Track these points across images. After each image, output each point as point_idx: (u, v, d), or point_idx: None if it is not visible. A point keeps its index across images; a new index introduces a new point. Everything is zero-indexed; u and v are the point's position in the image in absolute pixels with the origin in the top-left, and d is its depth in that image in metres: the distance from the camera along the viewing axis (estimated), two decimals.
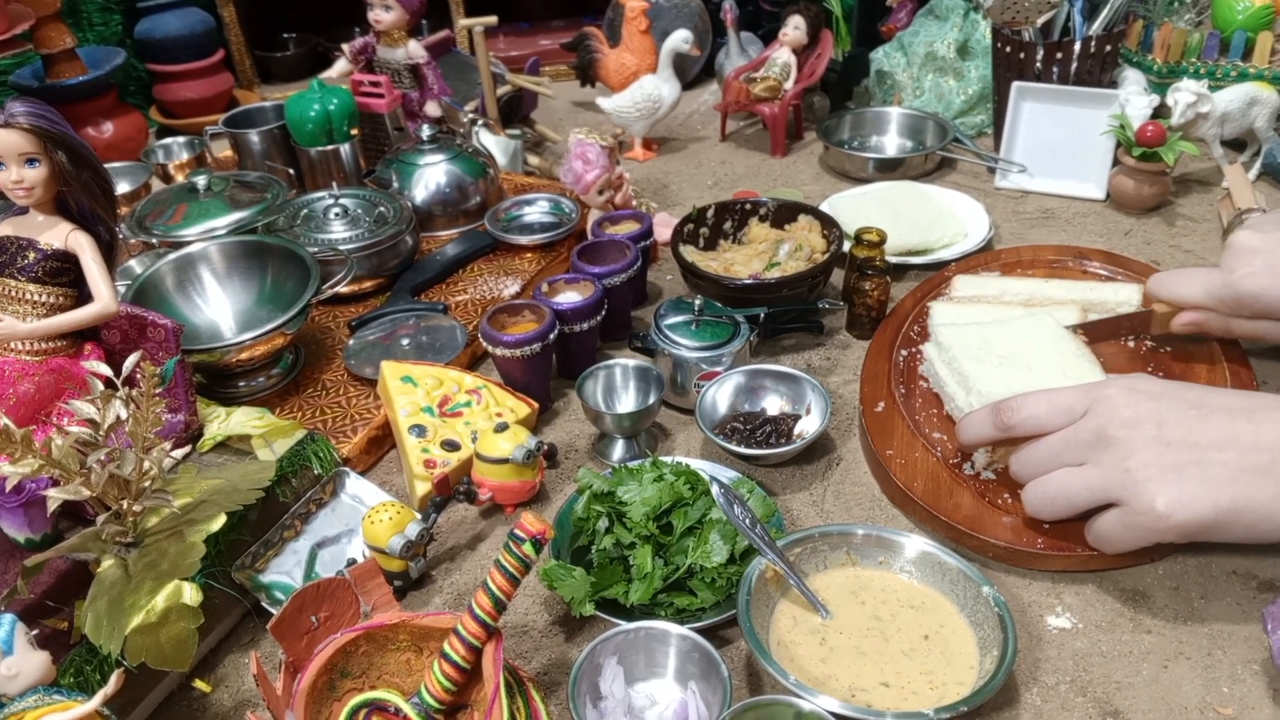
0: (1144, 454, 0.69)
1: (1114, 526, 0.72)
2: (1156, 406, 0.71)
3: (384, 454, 0.97)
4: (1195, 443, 0.68)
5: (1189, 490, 0.67)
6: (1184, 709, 0.68)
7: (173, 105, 1.75)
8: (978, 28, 1.57)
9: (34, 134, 0.71)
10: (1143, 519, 0.69)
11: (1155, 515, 0.68)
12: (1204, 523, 0.67)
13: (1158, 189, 1.28)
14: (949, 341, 0.93)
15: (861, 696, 0.67)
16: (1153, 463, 0.69)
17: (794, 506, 0.88)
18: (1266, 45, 1.41)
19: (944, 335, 0.94)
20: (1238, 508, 0.67)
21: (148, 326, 0.83)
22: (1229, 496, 0.67)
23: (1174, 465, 0.68)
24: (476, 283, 1.17)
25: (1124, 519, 0.71)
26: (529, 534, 0.62)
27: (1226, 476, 0.67)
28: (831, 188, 1.43)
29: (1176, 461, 0.68)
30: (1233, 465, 0.67)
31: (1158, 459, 0.69)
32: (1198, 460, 0.68)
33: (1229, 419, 0.69)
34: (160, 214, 1.15)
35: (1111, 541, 0.73)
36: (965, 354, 0.91)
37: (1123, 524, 0.71)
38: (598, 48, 1.62)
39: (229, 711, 0.73)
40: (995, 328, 0.94)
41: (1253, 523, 0.67)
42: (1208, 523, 0.67)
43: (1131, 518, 0.70)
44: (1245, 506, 0.67)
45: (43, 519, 0.73)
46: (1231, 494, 0.67)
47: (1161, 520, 0.68)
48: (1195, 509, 0.67)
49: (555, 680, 0.73)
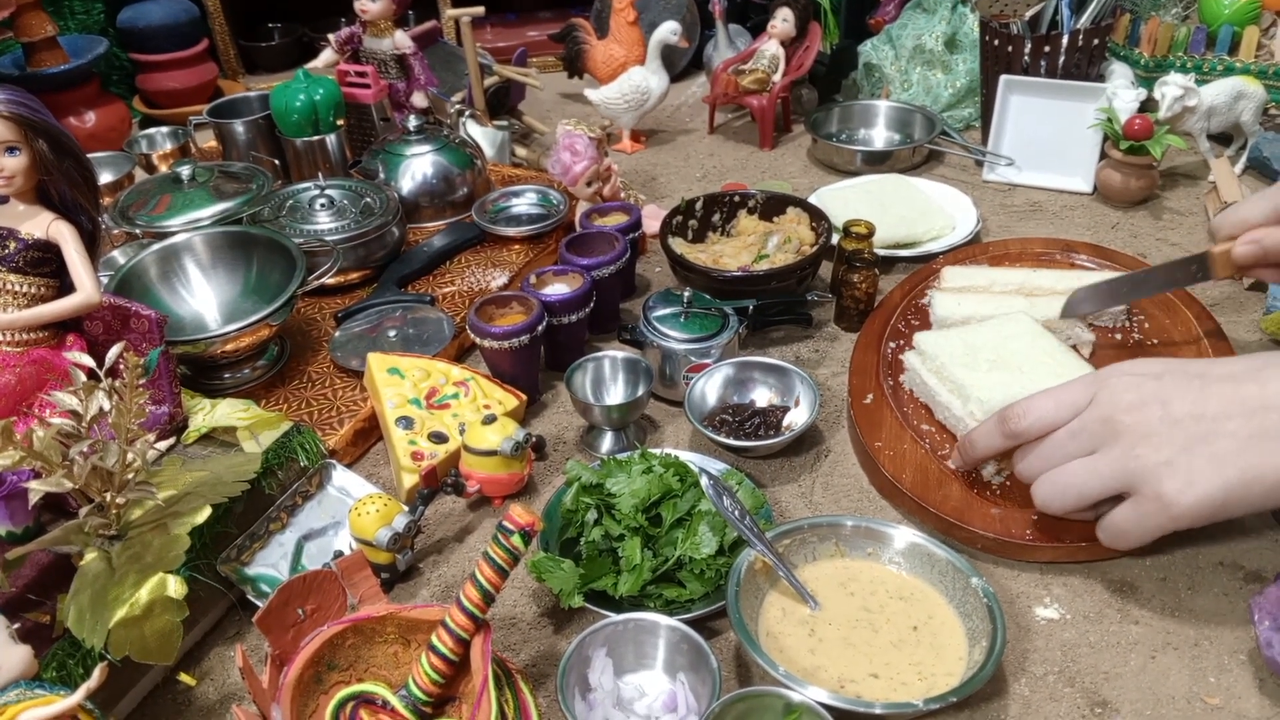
0: (1151, 438, 0.68)
1: (1128, 519, 0.71)
2: (1159, 385, 0.70)
3: (371, 446, 0.96)
4: (1201, 414, 0.68)
5: (1198, 469, 0.67)
6: (1171, 699, 0.68)
7: (156, 95, 1.73)
8: (965, 21, 1.57)
9: (14, 121, 0.70)
10: (1153, 507, 0.68)
11: (1165, 501, 0.67)
12: (1215, 503, 0.67)
13: (1145, 182, 1.29)
14: (933, 350, 0.91)
15: (851, 687, 0.67)
16: (1162, 445, 0.68)
17: (783, 498, 0.88)
18: (1253, 40, 1.42)
19: (926, 343, 0.93)
20: (1247, 480, 0.66)
21: (131, 317, 0.82)
22: (1238, 469, 0.66)
23: (1183, 444, 0.67)
24: (464, 274, 1.16)
25: (1136, 509, 0.70)
26: (517, 526, 0.61)
27: (1235, 447, 0.66)
28: (819, 180, 1.42)
29: (1185, 439, 0.67)
30: (1241, 434, 0.66)
31: (1167, 439, 0.68)
32: (1205, 434, 0.67)
33: (1234, 385, 0.68)
34: (144, 204, 1.14)
35: (1126, 535, 0.72)
36: (953, 361, 0.89)
37: (1136, 515, 0.70)
38: (585, 39, 1.62)
39: (214, 705, 0.72)
40: (974, 331, 0.93)
41: (1265, 491, 0.66)
42: (1219, 503, 0.67)
43: (1143, 506, 0.69)
44: (1256, 477, 0.66)
45: (24, 512, 0.72)
46: (1241, 465, 0.66)
47: (1172, 505, 0.67)
48: (1204, 488, 0.66)
49: (544, 672, 0.73)
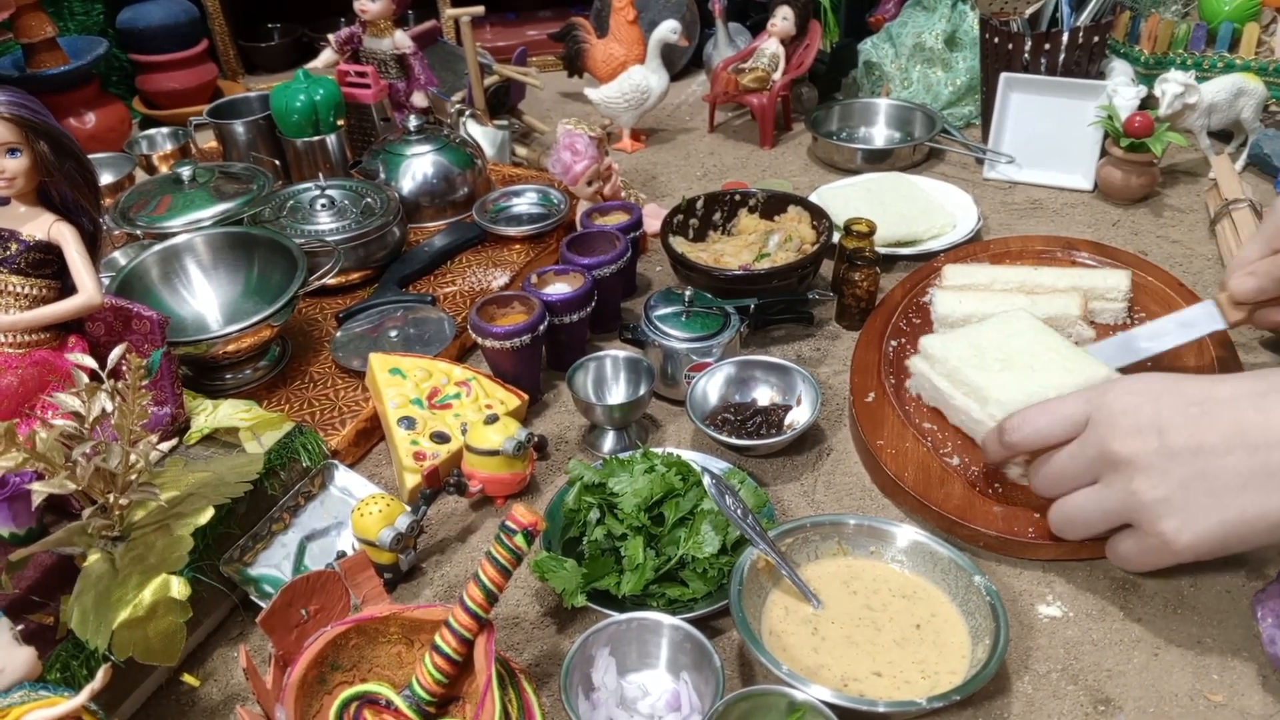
0: (1150, 472, 0.67)
1: (1132, 551, 0.71)
2: (1156, 410, 0.67)
3: (373, 446, 0.96)
4: (1199, 447, 0.65)
5: (1196, 506, 0.65)
6: (1174, 696, 0.68)
7: (156, 96, 1.73)
8: (966, 19, 1.57)
9: (15, 123, 0.70)
10: (1154, 542, 0.68)
11: (1164, 539, 0.67)
12: (1216, 541, 0.66)
13: (1145, 179, 1.29)
14: (941, 353, 0.90)
15: (854, 686, 0.67)
16: (1159, 481, 0.66)
17: (785, 497, 0.88)
18: (1253, 36, 1.42)
19: (932, 347, 0.92)
20: (1248, 518, 0.64)
21: (133, 318, 0.82)
22: (1237, 509, 0.64)
23: (1180, 480, 0.65)
24: (465, 274, 1.16)
25: (1140, 543, 0.70)
26: (520, 526, 0.61)
27: (1236, 484, 0.64)
28: (820, 179, 1.42)
29: (1183, 474, 0.65)
30: (1242, 470, 0.64)
31: (1164, 474, 0.66)
32: (1204, 470, 0.65)
33: (1235, 411, 0.65)
34: (145, 205, 1.14)
35: (1132, 563, 0.72)
36: (965, 363, 0.88)
37: (1139, 547, 0.70)
38: (585, 38, 1.62)
39: (218, 706, 0.72)
40: (978, 331, 0.92)
41: (1268, 530, 0.64)
42: (1219, 541, 0.66)
43: (1145, 540, 0.69)
44: (1257, 515, 0.64)
45: (27, 513, 0.72)
46: (1241, 504, 0.64)
47: (1171, 543, 0.66)
48: (1202, 527, 0.65)
49: (547, 672, 0.73)
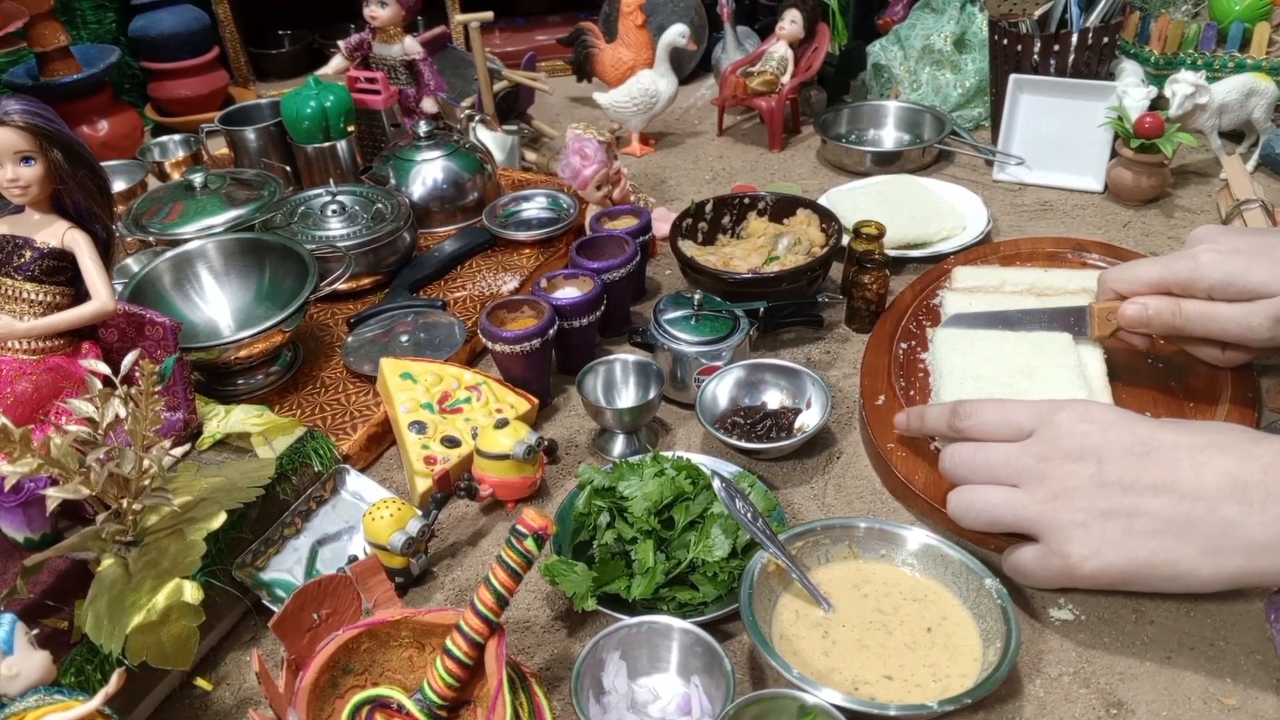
0: (1075, 494, 0.67)
1: (1030, 562, 0.71)
2: (1102, 441, 0.68)
3: (384, 451, 0.97)
4: (1131, 485, 0.66)
5: (1109, 539, 0.66)
6: (1187, 699, 0.68)
7: (168, 103, 1.74)
8: (974, 20, 1.57)
9: (29, 132, 0.70)
10: (1056, 561, 0.68)
11: (1069, 561, 0.67)
12: (1118, 574, 0.66)
13: (1156, 180, 1.28)
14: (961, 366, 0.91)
15: (865, 689, 0.67)
16: (1082, 505, 0.67)
17: (795, 500, 0.87)
18: (1264, 36, 1.41)
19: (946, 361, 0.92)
20: (1155, 563, 0.65)
21: (146, 325, 0.83)
22: (1148, 551, 0.65)
23: (1102, 511, 0.66)
24: (475, 279, 1.17)
25: (1040, 557, 0.70)
26: (530, 529, 0.61)
27: (1153, 528, 0.65)
28: (829, 181, 1.42)
29: (1107, 505, 0.66)
30: (1163, 515, 0.65)
31: (1088, 502, 0.67)
32: (1128, 508, 0.66)
33: (1172, 460, 0.66)
34: (157, 212, 1.14)
35: (1027, 576, 0.72)
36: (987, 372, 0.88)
37: (1039, 561, 0.70)
38: (594, 43, 1.62)
39: (231, 709, 0.73)
40: (988, 342, 0.92)
41: (1172, 577, 0.65)
42: (1123, 574, 0.66)
43: (1047, 558, 0.69)
44: (1164, 561, 0.65)
45: (42, 518, 0.73)
46: (1151, 549, 0.65)
47: (1074, 567, 0.67)
48: (1110, 560, 0.66)
49: (558, 675, 0.73)
